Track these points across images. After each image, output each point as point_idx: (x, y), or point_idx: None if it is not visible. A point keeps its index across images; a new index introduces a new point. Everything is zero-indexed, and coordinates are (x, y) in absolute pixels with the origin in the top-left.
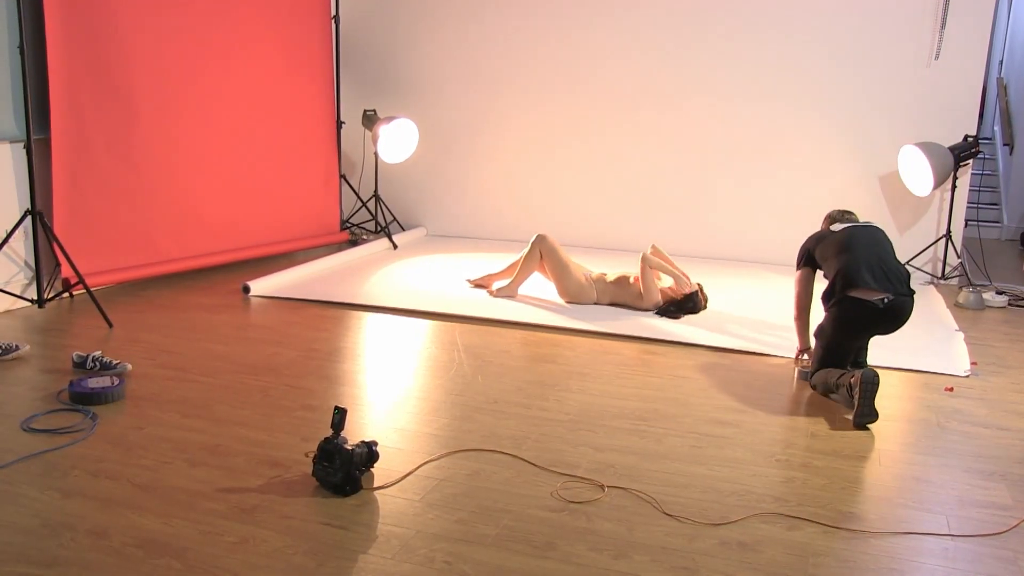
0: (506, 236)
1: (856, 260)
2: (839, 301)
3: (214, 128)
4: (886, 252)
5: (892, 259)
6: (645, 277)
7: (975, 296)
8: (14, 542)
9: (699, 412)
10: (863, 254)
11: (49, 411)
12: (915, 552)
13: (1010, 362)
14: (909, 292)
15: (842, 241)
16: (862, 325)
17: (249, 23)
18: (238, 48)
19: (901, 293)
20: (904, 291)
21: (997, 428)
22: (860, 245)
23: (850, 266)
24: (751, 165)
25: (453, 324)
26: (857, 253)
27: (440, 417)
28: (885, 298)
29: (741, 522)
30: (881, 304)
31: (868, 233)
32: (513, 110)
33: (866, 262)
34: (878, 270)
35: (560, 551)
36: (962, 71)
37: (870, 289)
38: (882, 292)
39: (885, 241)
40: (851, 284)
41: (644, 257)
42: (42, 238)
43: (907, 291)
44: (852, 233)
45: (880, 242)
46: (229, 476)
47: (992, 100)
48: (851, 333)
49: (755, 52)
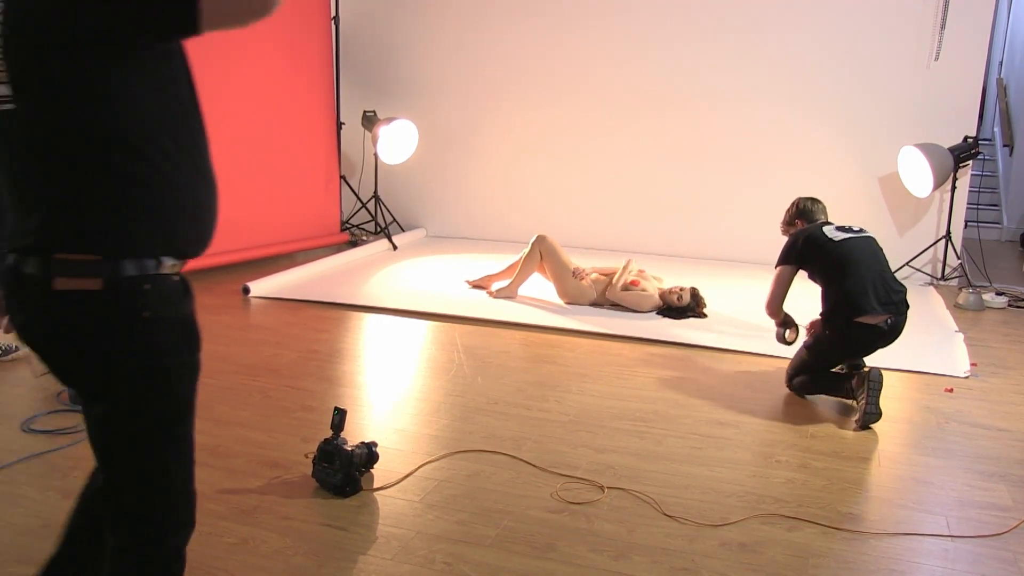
0: (506, 237)
1: (863, 283)
2: (846, 326)
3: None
4: (885, 267)
5: (891, 275)
6: (624, 299)
7: (975, 297)
8: (15, 543)
9: (699, 413)
10: (868, 275)
11: (49, 412)
12: (915, 553)
13: (1010, 363)
14: (906, 308)
15: (843, 258)
16: (866, 346)
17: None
18: (238, 49)
19: (901, 313)
20: (904, 309)
21: (997, 429)
22: (863, 264)
23: (857, 291)
24: (751, 166)
25: (453, 325)
26: (862, 274)
27: (440, 418)
28: (888, 319)
29: (741, 523)
30: (885, 326)
31: (866, 247)
32: (512, 111)
33: (872, 285)
34: (882, 292)
35: (560, 552)
36: (962, 72)
37: (877, 314)
38: (885, 315)
39: (880, 252)
40: (859, 311)
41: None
42: None
43: (906, 307)
44: (852, 248)
45: (877, 256)
46: (229, 477)
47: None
48: (853, 354)
49: (755, 53)
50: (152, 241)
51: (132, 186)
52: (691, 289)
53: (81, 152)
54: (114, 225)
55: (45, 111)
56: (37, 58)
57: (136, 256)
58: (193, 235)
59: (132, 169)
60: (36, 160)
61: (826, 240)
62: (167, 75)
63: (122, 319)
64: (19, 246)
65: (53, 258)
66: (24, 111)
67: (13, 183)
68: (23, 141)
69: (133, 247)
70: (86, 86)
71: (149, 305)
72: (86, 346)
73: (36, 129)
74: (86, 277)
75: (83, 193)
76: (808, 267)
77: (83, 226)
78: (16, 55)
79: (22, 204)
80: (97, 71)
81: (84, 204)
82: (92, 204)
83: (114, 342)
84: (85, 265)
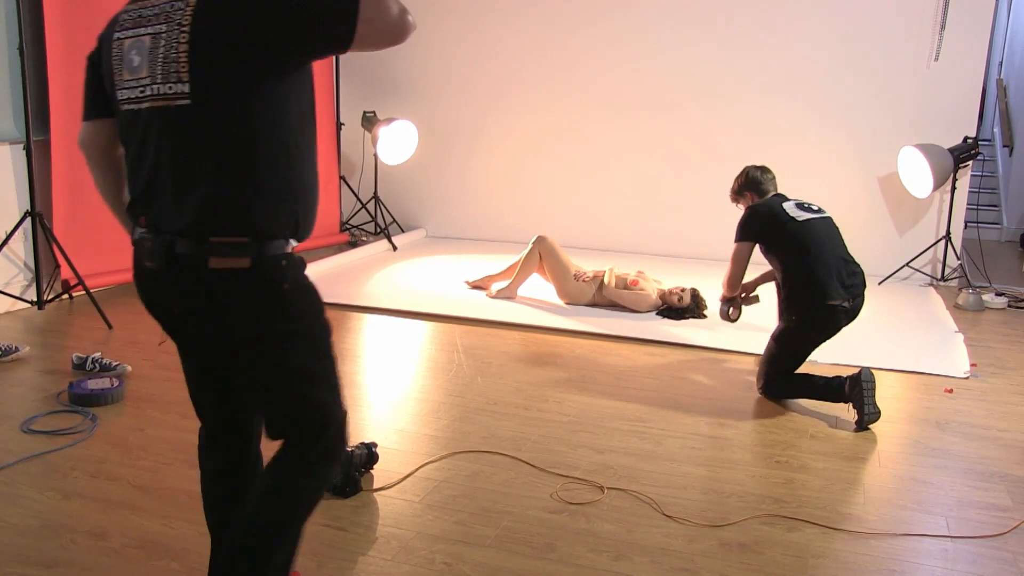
0: (505, 237)
1: (828, 268)
2: (815, 310)
3: None
4: (844, 249)
5: (849, 257)
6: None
7: (975, 297)
8: (14, 543)
9: (699, 413)
10: (830, 259)
11: (49, 412)
12: (915, 553)
13: (1009, 363)
14: (864, 288)
15: (805, 240)
16: (834, 326)
17: None
18: None
19: (860, 295)
20: (862, 291)
21: (996, 430)
22: (826, 248)
23: (822, 275)
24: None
25: (452, 326)
26: (827, 258)
27: (440, 418)
28: (848, 300)
29: (741, 523)
30: (848, 305)
31: (828, 228)
32: (512, 111)
33: (835, 268)
34: (845, 276)
35: (560, 552)
36: (962, 72)
37: (841, 297)
38: (848, 296)
39: (839, 235)
40: (825, 295)
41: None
42: (42, 239)
43: (864, 288)
44: (814, 229)
45: (837, 239)
46: None
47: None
48: (821, 339)
49: (755, 54)
50: (287, 226)
51: (279, 178)
52: (692, 290)
53: (244, 148)
54: (264, 212)
55: (220, 111)
56: (224, 68)
57: (276, 238)
58: (309, 223)
59: (280, 163)
60: (203, 153)
61: (789, 219)
62: (301, 81)
63: (268, 291)
64: (174, 229)
65: (209, 240)
66: (199, 109)
67: (175, 172)
68: (192, 135)
69: (274, 231)
70: (259, 92)
71: (287, 278)
72: (238, 315)
73: (208, 126)
74: (238, 257)
75: (241, 183)
76: (766, 244)
77: (238, 213)
78: (201, 62)
79: (181, 191)
80: (270, 80)
81: (240, 193)
82: (247, 193)
83: (263, 310)
84: (237, 247)
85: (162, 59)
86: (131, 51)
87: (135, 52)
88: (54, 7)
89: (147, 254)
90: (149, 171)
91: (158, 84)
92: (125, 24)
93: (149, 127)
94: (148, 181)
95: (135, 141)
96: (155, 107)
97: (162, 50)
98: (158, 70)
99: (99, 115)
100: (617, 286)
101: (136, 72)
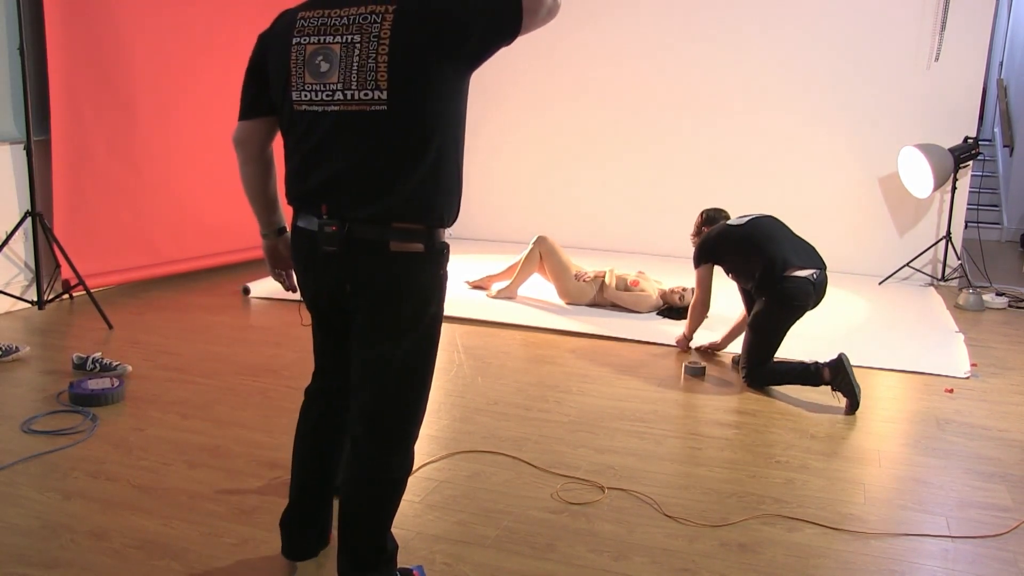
0: (506, 237)
1: (782, 246)
2: (781, 281)
3: (214, 129)
4: (793, 233)
5: (800, 238)
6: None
7: (975, 297)
8: (14, 543)
9: (699, 413)
10: (782, 240)
11: (49, 412)
12: (915, 553)
13: (1010, 363)
14: (825, 266)
15: (752, 235)
16: (802, 302)
17: (249, 24)
18: (239, 49)
19: (823, 268)
20: (823, 265)
21: (997, 429)
22: (776, 235)
23: (779, 252)
24: (752, 167)
25: (453, 326)
26: (779, 241)
27: (440, 419)
28: (814, 273)
29: (741, 523)
30: (813, 278)
31: (773, 222)
32: (513, 112)
33: (790, 245)
34: (801, 251)
35: (560, 552)
36: (962, 73)
37: (803, 268)
38: (811, 268)
39: (785, 225)
40: (789, 266)
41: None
42: (42, 239)
43: (824, 265)
44: (758, 224)
45: (783, 227)
46: (229, 477)
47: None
48: (795, 314)
49: (755, 55)
50: (450, 216)
51: (451, 171)
52: (692, 290)
53: (432, 146)
54: (439, 202)
55: (414, 114)
56: (419, 76)
57: (442, 227)
58: (457, 214)
59: (453, 158)
60: (395, 152)
61: (735, 226)
62: (467, 82)
63: (434, 274)
64: (359, 217)
65: (392, 226)
66: (395, 114)
67: (361, 168)
68: (386, 136)
69: (443, 220)
70: (445, 96)
71: (444, 264)
72: (410, 295)
73: (402, 129)
74: (414, 242)
75: (430, 178)
76: (723, 258)
77: (424, 204)
78: (399, 71)
79: (367, 185)
80: (452, 84)
81: (428, 186)
82: (432, 186)
83: (429, 292)
84: (415, 233)
85: (357, 67)
86: (316, 57)
87: (322, 59)
88: (54, 7)
89: (326, 238)
90: (334, 165)
91: (352, 90)
92: (305, 30)
93: (339, 128)
94: (334, 174)
95: (314, 138)
96: (347, 111)
97: (357, 59)
98: (352, 77)
99: (259, 114)
100: (618, 287)
101: (323, 77)
